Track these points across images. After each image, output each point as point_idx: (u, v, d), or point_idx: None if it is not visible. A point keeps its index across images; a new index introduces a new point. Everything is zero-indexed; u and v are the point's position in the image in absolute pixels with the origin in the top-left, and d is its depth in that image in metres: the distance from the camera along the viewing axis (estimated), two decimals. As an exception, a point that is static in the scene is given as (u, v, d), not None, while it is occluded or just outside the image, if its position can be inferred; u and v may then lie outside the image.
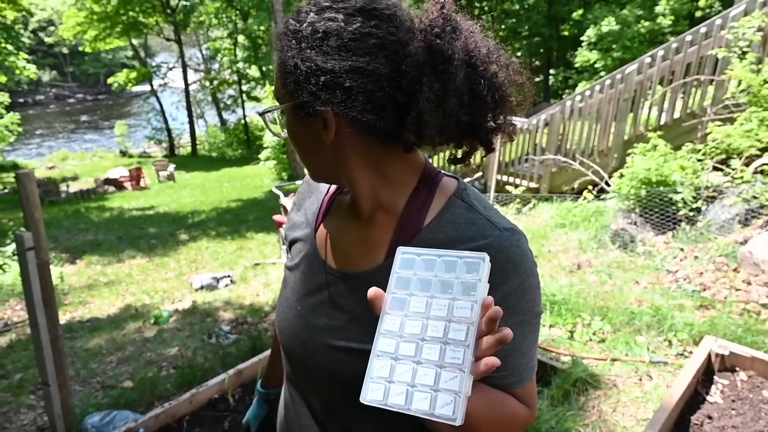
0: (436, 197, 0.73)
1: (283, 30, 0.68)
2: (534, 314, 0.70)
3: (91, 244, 8.66)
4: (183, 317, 4.87)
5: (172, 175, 17.12)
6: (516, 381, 0.70)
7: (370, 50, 0.63)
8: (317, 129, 0.69)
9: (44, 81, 41.43)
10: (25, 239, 2.44)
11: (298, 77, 0.65)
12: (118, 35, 24.10)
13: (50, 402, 2.65)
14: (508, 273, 0.66)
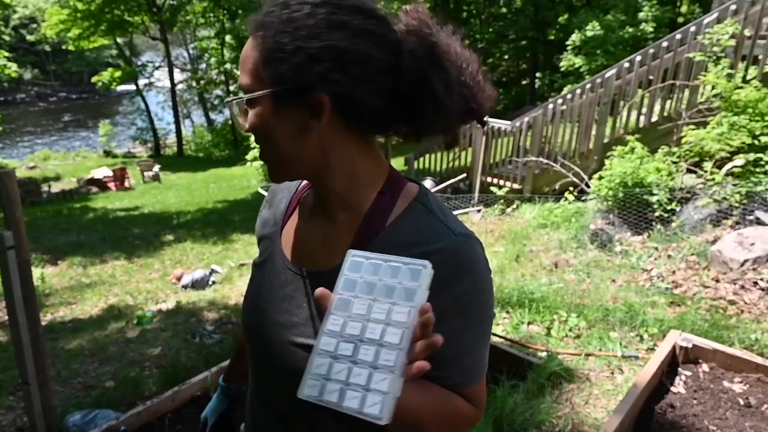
0: (399, 201, 0.74)
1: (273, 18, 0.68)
2: (484, 318, 0.74)
3: (73, 245, 8.59)
4: (167, 317, 4.88)
5: (158, 176, 16.99)
6: (464, 381, 0.73)
7: (375, 42, 0.67)
8: (301, 118, 0.69)
9: (26, 79, 40.80)
10: (5, 238, 2.45)
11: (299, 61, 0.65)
12: (103, 34, 23.80)
13: (30, 401, 2.66)
14: (460, 276, 0.69)
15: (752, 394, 2.16)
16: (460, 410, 0.73)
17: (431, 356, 0.58)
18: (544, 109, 6.76)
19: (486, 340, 0.76)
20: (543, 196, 6.32)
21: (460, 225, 0.74)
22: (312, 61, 0.65)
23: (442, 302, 0.66)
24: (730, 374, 2.28)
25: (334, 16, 0.66)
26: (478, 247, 0.73)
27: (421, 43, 0.68)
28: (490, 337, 0.77)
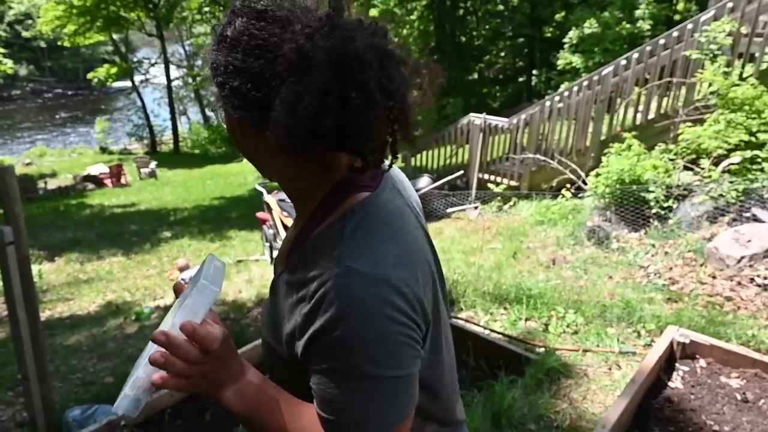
0: (334, 212, 0.71)
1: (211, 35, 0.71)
2: (361, 371, 0.63)
3: (70, 241, 8.57)
4: (165, 313, 4.88)
5: (154, 172, 16.95)
6: (332, 430, 0.67)
7: (251, 50, 0.63)
8: (233, 130, 0.72)
9: (21, 75, 40.56)
10: (5, 233, 2.45)
11: (212, 79, 0.69)
12: (99, 30, 23.68)
13: (30, 397, 2.67)
14: (324, 312, 0.63)
15: (749, 390, 2.18)
16: None
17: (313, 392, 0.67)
18: (542, 107, 6.77)
19: (372, 399, 0.64)
20: (540, 193, 6.34)
21: (364, 256, 0.64)
22: (213, 80, 0.68)
23: (307, 336, 0.65)
24: (728, 369, 2.31)
25: (229, 26, 0.66)
26: (370, 286, 0.63)
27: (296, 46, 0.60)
28: (383, 397, 0.65)
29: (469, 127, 7.58)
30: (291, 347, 0.70)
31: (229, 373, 0.69)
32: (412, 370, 0.68)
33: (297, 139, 0.60)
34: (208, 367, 0.66)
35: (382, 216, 0.70)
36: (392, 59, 0.62)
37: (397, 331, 0.64)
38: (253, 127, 0.67)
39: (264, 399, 0.71)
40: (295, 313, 0.68)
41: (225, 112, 0.70)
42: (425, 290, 0.70)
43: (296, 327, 0.68)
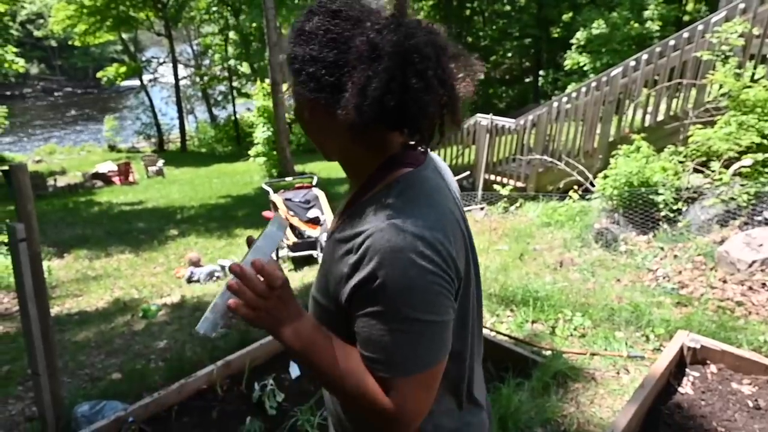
0: (382, 182, 0.82)
1: (289, 31, 0.84)
2: (400, 313, 0.73)
3: (78, 238, 8.63)
4: (172, 311, 4.90)
5: (161, 171, 17.02)
6: (375, 367, 0.77)
7: (327, 43, 0.75)
8: (303, 108, 0.84)
9: (32, 74, 40.87)
10: (17, 230, 2.47)
11: (288, 65, 0.82)
12: (108, 29, 23.85)
13: (40, 392, 2.68)
14: (370, 261, 0.72)
15: (761, 396, 2.15)
16: (369, 392, 0.77)
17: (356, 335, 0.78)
18: (549, 108, 6.74)
19: (407, 339, 0.74)
20: (547, 195, 6.31)
21: (405, 216, 0.75)
22: (289, 68, 0.82)
23: (353, 284, 0.75)
24: (739, 376, 2.28)
25: (308, 23, 0.78)
26: (409, 240, 0.72)
27: (366, 39, 0.72)
28: (419, 339, 0.75)
29: (475, 128, 7.56)
30: (337, 296, 0.80)
31: (289, 313, 0.79)
32: (446, 318, 0.77)
33: (365, 116, 0.72)
34: (272, 304, 0.77)
35: (423, 188, 0.81)
36: (446, 53, 0.74)
37: (432, 280, 0.73)
38: (323, 108, 0.78)
39: (317, 339, 0.80)
40: (342, 264, 0.78)
41: (297, 94, 0.82)
42: (458, 254, 0.79)
43: (343, 276, 0.78)
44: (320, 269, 0.89)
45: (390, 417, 0.77)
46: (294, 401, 2.76)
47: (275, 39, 12.69)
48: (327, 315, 0.85)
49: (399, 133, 0.79)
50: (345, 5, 0.77)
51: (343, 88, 0.73)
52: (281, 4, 18.20)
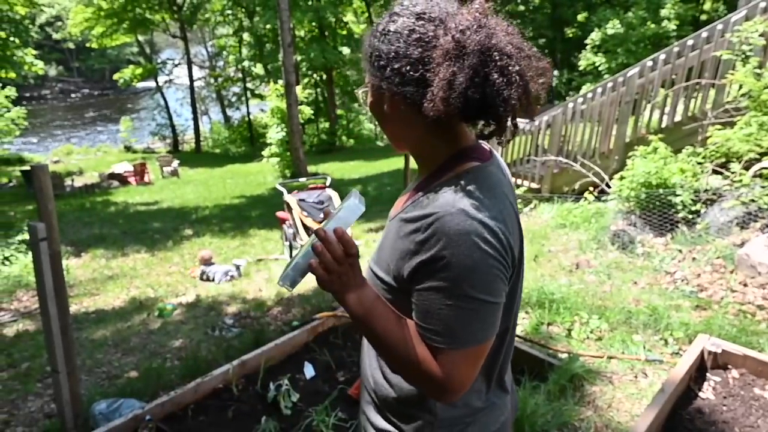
0: (452, 171, 0.89)
1: (368, 31, 0.92)
2: (463, 291, 0.80)
3: (95, 237, 8.74)
4: (187, 310, 4.94)
5: (176, 171, 17.19)
6: (429, 339, 0.85)
7: (412, 41, 0.83)
8: (382, 103, 0.91)
9: (50, 76, 41.52)
10: (38, 230, 2.50)
11: (369, 62, 0.90)
12: (125, 32, 24.20)
13: (59, 389, 2.71)
14: (437, 241, 0.81)
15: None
16: (421, 359, 0.85)
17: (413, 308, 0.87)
18: (564, 108, 6.68)
19: (463, 315, 0.82)
20: (562, 196, 6.25)
21: (472, 204, 0.82)
22: (372, 64, 0.89)
23: (419, 260, 0.83)
24: (762, 381, 2.24)
25: (393, 24, 0.86)
26: (475, 225, 0.80)
27: (451, 38, 0.79)
28: (474, 316, 0.83)
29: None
30: (399, 270, 0.88)
31: (356, 281, 0.89)
32: (500, 300, 0.85)
33: (451, 108, 0.80)
34: (344, 269, 0.86)
35: (488, 181, 0.88)
36: (523, 52, 0.82)
37: (492, 264, 0.81)
38: (404, 101, 0.86)
39: (378, 307, 0.89)
40: (407, 241, 0.86)
41: (377, 89, 0.90)
42: (514, 244, 0.88)
43: (408, 251, 0.86)
44: (380, 246, 0.98)
45: (438, 383, 0.85)
46: (309, 401, 2.76)
47: (289, 40, 12.75)
48: (384, 287, 0.94)
49: (472, 125, 0.89)
50: (427, 8, 0.85)
51: (428, 82, 0.82)
52: (295, 6, 18.28)
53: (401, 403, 0.99)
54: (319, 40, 21.33)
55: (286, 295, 4.96)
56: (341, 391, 2.82)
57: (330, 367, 3.11)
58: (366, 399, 1.09)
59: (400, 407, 0.99)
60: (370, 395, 1.07)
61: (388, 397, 1.01)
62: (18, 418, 3.09)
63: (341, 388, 2.83)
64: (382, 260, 0.95)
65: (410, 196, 0.96)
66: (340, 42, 22.46)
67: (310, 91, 21.99)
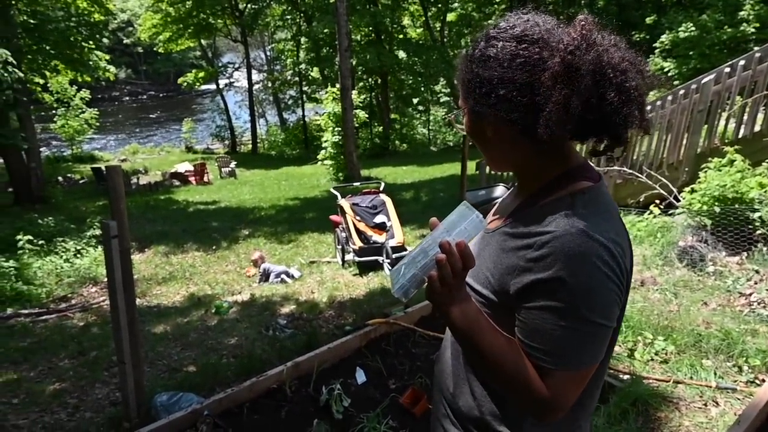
0: (560, 191, 0.87)
1: (463, 55, 0.92)
2: (578, 313, 0.78)
3: (158, 234, 9.15)
4: (242, 309, 5.07)
5: (234, 172, 17.77)
6: (537, 356, 0.83)
7: (517, 66, 0.81)
8: (484, 127, 0.91)
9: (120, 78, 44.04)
10: (110, 227, 2.63)
11: (468, 89, 0.89)
12: (189, 36, 25.29)
13: (125, 379, 2.84)
14: (555, 262, 0.78)
15: None
16: (529, 377, 0.83)
17: (518, 324, 0.85)
18: (630, 117, 6.40)
19: (577, 338, 0.80)
20: (625, 209, 5.98)
21: (593, 225, 0.80)
22: (473, 90, 0.87)
23: (532, 278, 0.81)
24: None
25: (492, 49, 0.84)
26: (596, 247, 0.78)
27: (561, 60, 0.78)
28: (588, 339, 0.81)
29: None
30: (503, 285, 0.87)
31: (461, 295, 0.87)
32: (612, 325, 0.83)
33: (567, 131, 0.79)
34: (457, 283, 0.84)
35: (605, 202, 0.87)
36: (636, 65, 0.81)
37: (610, 287, 0.80)
38: (510, 126, 0.85)
39: (482, 321, 0.87)
40: (514, 257, 0.86)
41: (478, 114, 0.89)
42: (630, 268, 0.87)
43: (516, 268, 0.85)
44: (479, 261, 0.94)
45: (543, 403, 0.83)
46: (359, 407, 2.76)
47: (346, 45, 12.93)
48: (482, 301, 0.92)
49: (580, 142, 0.89)
50: (527, 29, 0.83)
51: (538, 107, 0.80)
52: (353, 10, 18.53)
53: (486, 418, 0.98)
54: (376, 43, 21.51)
55: (338, 298, 5.01)
56: (393, 400, 2.80)
57: (381, 374, 3.10)
58: (441, 411, 1.08)
59: (484, 422, 0.98)
60: (446, 408, 1.06)
61: (471, 410, 1.00)
62: (87, 404, 3.26)
63: (393, 397, 2.82)
64: (480, 274, 0.93)
65: (515, 210, 0.94)
66: (397, 45, 22.56)
67: (364, 96, 22.23)
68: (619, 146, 0.86)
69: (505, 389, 0.90)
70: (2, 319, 5.11)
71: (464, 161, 3.94)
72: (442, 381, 1.09)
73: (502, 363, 0.85)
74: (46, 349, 4.26)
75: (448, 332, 1.10)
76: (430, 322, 3.66)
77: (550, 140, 0.80)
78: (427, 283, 0.85)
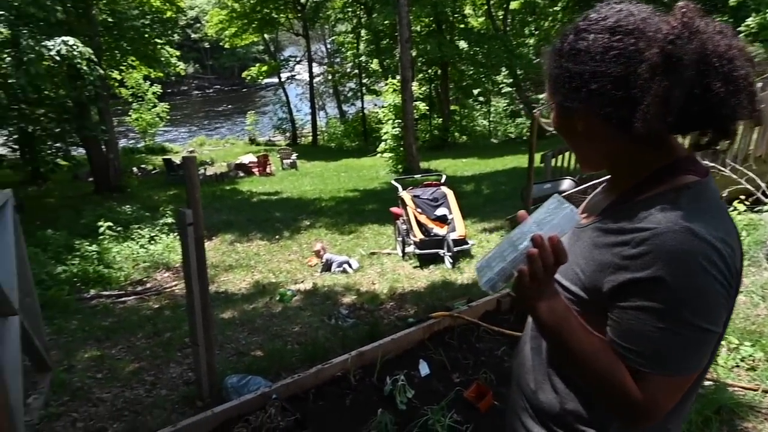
0: (662, 186, 0.82)
1: (551, 49, 0.88)
2: (679, 316, 0.74)
3: (224, 223, 9.52)
4: (305, 297, 5.19)
5: (295, 163, 18.19)
6: (632, 358, 0.78)
7: (611, 59, 0.78)
8: (574, 123, 0.87)
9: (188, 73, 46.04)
10: (186, 216, 2.74)
11: (557, 83, 0.86)
12: (253, 31, 26.07)
13: (198, 360, 2.97)
14: (655, 261, 0.74)
15: None
16: (623, 383, 0.79)
17: (611, 324, 0.81)
18: (712, 106, 5.98)
19: (678, 340, 0.75)
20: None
21: (700, 223, 0.75)
22: (563, 85, 0.84)
23: (629, 276, 0.77)
24: None
25: (583, 42, 0.81)
26: (703, 247, 0.73)
27: (660, 51, 0.74)
28: (690, 344, 0.76)
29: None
30: (595, 283, 0.84)
31: (550, 290, 0.84)
32: (717, 330, 0.77)
33: (668, 124, 0.75)
34: (547, 278, 0.82)
35: (714, 199, 0.82)
36: (745, 54, 0.76)
37: (717, 290, 0.74)
38: (603, 120, 0.82)
39: (570, 318, 0.84)
40: (608, 253, 0.82)
41: (567, 110, 0.86)
42: (739, 270, 0.81)
43: (610, 265, 0.81)
44: (569, 257, 0.91)
45: (635, 406, 0.79)
46: (423, 399, 2.75)
47: (407, 36, 12.86)
48: (571, 298, 0.89)
49: (682, 135, 0.83)
50: (621, 19, 0.80)
51: (634, 100, 0.76)
52: (413, 1, 18.39)
53: (568, 416, 0.94)
54: (436, 33, 21.28)
55: (399, 290, 5.01)
56: (457, 394, 2.77)
57: (445, 367, 3.07)
58: (520, 405, 1.06)
59: (566, 420, 0.95)
60: (525, 403, 1.04)
61: (552, 407, 0.96)
62: (162, 382, 3.44)
63: (458, 391, 2.78)
64: (569, 270, 0.89)
65: (612, 204, 0.90)
66: (458, 35, 22.22)
67: (425, 87, 22.09)
68: (727, 140, 0.79)
69: (594, 390, 0.86)
70: (86, 300, 5.49)
71: (531, 152, 3.82)
72: (521, 376, 1.06)
73: (592, 362, 0.82)
74: (125, 328, 4.53)
75: (527, 327, 1.08)
76: (494, 318, 3.59)
77: (648, 134, 0.76)
78: (516, 277, 0.83)
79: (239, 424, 2.47)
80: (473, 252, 6.12)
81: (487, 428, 2.52)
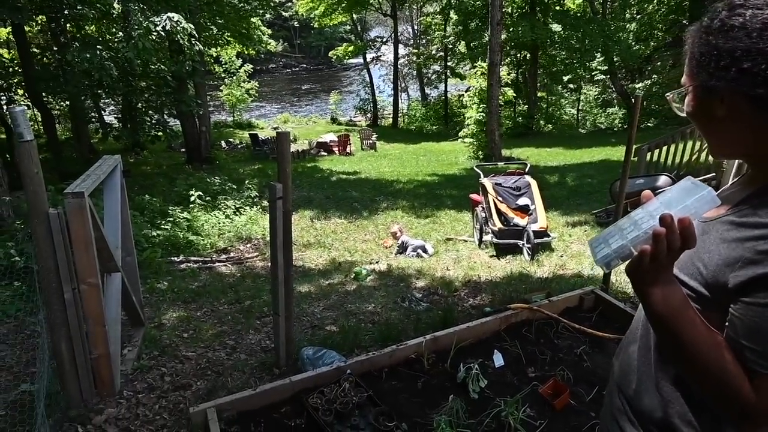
0: None
1: (696, 27, 0.84)
2: None
3: (305, 199, 9.81)
4: (379, 278, 5.24)
5: (374, 144, 18.34)
6: (752, 359, 0.75)
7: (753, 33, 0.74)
8: (714, 106, 0.82)
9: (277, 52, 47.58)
10: (277, 189, 2.83)
11: (702, 62, 0.81)
12: (343, 11, 26.32)
13: (278, 329, 3.09)
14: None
15: None
16: (736, 383, 0.75)
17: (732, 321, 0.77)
18: None
19: None
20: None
21: None
22: (708, 64, 0.80)
23: (761, 271, 0.73)
24: None
25: (738, 18, 0.76)
26: None
27: None
28: None
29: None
30: (718, 277, 0.80)
31: (668, 277, 0.79)
32: None
33: None
34: (667, 262, 0.77)
35: None
36: None
37: None
38: (752, 102, 0.77)
39: (686, 310, 0.79)
40: (740, 248, 0.78)
41: (707, 91, 0.82)
42: None
43: (740, 260, 0.77)
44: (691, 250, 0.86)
45: (747, 409, 0.76)
46: (496, 390, 2.70)
47: (498, 18, 12.45)
48: (690, 295, 0.84)
49: None
50: None
51: None
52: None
53: (672, 421, 0.90)
54: (529, 15, 20.41)
55: (474, 278, 4.93)
56: (533, 388, 2.68)
57: (520, 360, 2.99)
58: (617, 407, 1.03)
59: (670, 425, 0.91)
60: (624, 405, 1.00)
61: (654, 411, 0.93)
62: (242, 347, 3.63)
63: (534, 385, 2.70)
64: (689, 264, 0.85)
65: (751, 195, 0.85)
66: (552, 18, 21.19)
67: (512, 72, 21.37)
68: None
69: (705, 389, 0.82)
70: (176, 263, 5.88)
71: (630, 143, 3.57)
72: (622, 376, 1.02)
73: (706, 360, 0.78)
74: (210, 293, 4.81)
75: (635, 324, 1.04)
76: (575, 314, 3.44)
77: None
78: (635, 257, 0.78)
79: (314, 394, 2.54)
80: (554, 246, 5.89)
81: (561, 427, 2.43)
